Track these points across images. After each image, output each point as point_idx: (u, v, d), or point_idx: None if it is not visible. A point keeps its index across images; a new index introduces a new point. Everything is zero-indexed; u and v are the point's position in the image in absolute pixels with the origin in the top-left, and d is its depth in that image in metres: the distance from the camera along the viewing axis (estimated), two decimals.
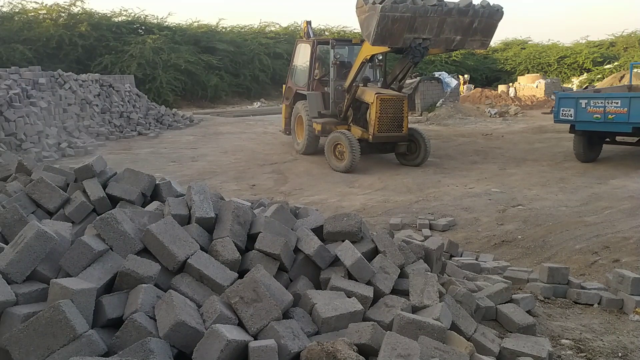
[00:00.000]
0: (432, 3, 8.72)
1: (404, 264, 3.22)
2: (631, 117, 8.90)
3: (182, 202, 3.21)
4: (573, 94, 10.18)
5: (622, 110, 8.95)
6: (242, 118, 20.18)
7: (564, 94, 10.34)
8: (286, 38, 28.26)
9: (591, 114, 9.32)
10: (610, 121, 9.13)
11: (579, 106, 9.47)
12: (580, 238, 6.08)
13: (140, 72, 21.53)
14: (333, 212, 7.14)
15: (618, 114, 9.02)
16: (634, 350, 3.24)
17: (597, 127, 9.47)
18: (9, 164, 4.19)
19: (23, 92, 12.00)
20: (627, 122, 8.97)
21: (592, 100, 9.32)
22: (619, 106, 8.99)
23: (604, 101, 9.17)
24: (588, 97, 9.44)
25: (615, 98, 9.11)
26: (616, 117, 9.04)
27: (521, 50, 34.03)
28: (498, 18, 9.56)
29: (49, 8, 22.47)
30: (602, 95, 9.41)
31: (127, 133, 14.47)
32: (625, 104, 8.93)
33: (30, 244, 2.45)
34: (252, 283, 2.47)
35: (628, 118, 8.92)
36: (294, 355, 2.28)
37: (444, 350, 2.37)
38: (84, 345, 2.10)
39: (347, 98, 10.33)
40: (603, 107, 9.15)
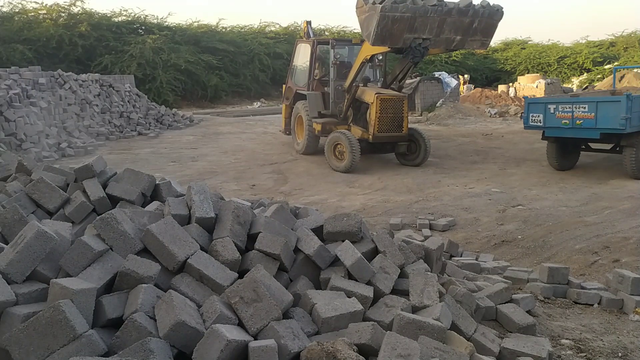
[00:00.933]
0: (432, 3, 8.72)
1: (404, 264, 3.22)
2: (598, 122, 8.49)
3: (182, 202, 3.21)
4: (542, 99, 9.76)
5: (590, 116, 8.54)
6: (242, 118, 20.19)
7: (532, 99, 9.88)
8: (286, 38, 28.26)
9: (560, 119, 8.92)
10: (579, 127, 8.71)
11: (548, 111, 9.07)
12: (580, 238, 6.08)
13: (140, 72, 21.53)
14: (333, 212, 7.14)
15: (586, 120, 8.60)
16: (634, 350, 3.24)
17: (566, 133, 9.05)
18: (9, 164, 4.20)
19: (23, 92, 12.00)
20: (595, 127, 8.55)
21: (560, 106, 8.93)
22: (586, 111, 8.57)
23: (572, 106, 8.78)
24: (556, 102, 9.05)
25: (582, 103, 8.70)
26: (584, 123, 8.63)
27: (521, 50, 34.02)
28: (498, 18, 9.56)
29: (49, 8, 22.48)
30: (569, 100, 9.07)
31: (127, 133, 14.47)
32: (593, 108, 8.51)
33: (30, 244, 2.45)
34: (252, 283, 2.47)
35: (595, 124, 8.52)
36: (294, 355, 2.28)
37: (444, 350, 2.37)
38: (84, 345, 2.10)
39: (347, 98, 10.33)
40: (571, 113, 8.75)
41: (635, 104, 8.28)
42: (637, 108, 8.33)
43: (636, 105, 8.30)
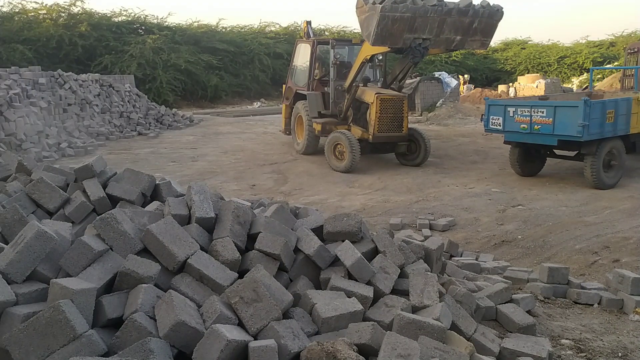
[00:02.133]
0: (432, 3, 8.72)
1: (404, 264, 3.22)
2: (556, 128, 7.90)
3: (182, 202, 3.21)
4: (501, 101, 9.05)
5: (548, 121, 7.95)
6: (242, 118, 20.19)
7: (493, 100, 9.21)
8: (286, 38, 28.24)
9: (518, 123, 8.37)
10: (537, 132, 8.14)
11: (507, 114, 8.53)
12: (580, 238, 6.08)
13: (140, 72, 21.53)
14: (333, 212, 7.14)
15: (544, 125, 8.02)
16: (634, 350, 3.24)
17: (524, 139, 8.53)
18: (9, 164, 4.19)
19: (23, 92, 12.00)
20: (552, 134, 7.97)
21: (519, 109, 8.37)
22: (544, 116, 8.00)
23: (530, 110, 8.22)
24: (515, 105, 8.50)
25: (540, 107, 8.13)
26: (542, 128, 8.05)
27: (521, 50, 34.02)
28: (498, 18, 9.56)
29: (49, 8, 22.47)
30: (528, 103, 8.50)
31: (127, 133, 14.47)
32: (551, 113, 7.92)
33: (30, 244, 2.45)
34: (252, 283, 2.47)
35: (553, 130, 7.92)
36: (294, 355, 2.28)
37: (444, 350, 2.37)
38: (84, 345, 2.10)
39: (347, 98, 10.33)
40: (529, 117, 8.20)
41: (595, 110, 7.66)
42: (597, 114, 7.72)
43: (596, 112, 7.69)
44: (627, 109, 8.20)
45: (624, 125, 8.21)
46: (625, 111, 8.17)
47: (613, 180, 8.32)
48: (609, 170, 8.29)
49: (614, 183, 8.33)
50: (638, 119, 8.43)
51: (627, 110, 8.20)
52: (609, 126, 7.94)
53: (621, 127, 8.16)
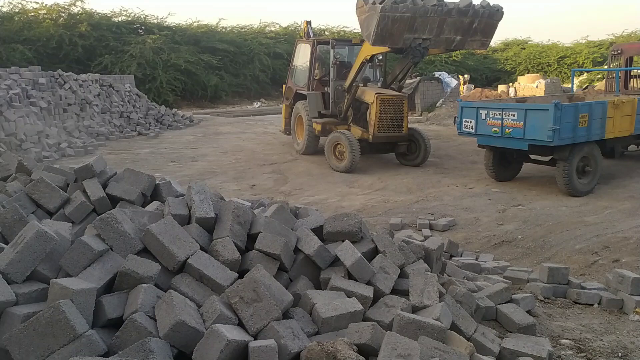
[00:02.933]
0: (432, 3, 8.71)
1: (404, 264, 3.22)
2: (527, 132, 7.57)
3: (182, 202, 3.21)
4: (474, 103, 8.71)
5: (519, 125, 7.62)
6: (242, 118, 20.19)
7: (465, 102, 8.88)
8: (286, 38, 28.25)
9: (490, 126, 8.05)
10: (508, 136, 7.81)
11: (480, 117, 8.21)
12: (580, 238, 6.08)
13: (140, 72, 21.53)
14: (333, 212, 7.14)
15: (515, 129, 7.69)
16: (634, 350, 3.24)
17: (496, 143, 8.24)
18: (9, 164, 4.19)
19: (23, 92, 12.01)
20: (523, 138, 7.62)
21: (491, 111, 8.06)
22: (515, 119, 7.67)
23: (502, 113, 7.89)
24: (487, 108, 8.19)
25: (512, 110, 7.80)
26: (513, 132, 7.73)
27: (521, 50, 34.02)
28: (498, 18, 9.55)
29: (49, 8, 22.47)
30: (499, 105, 8.19)
31: (127, 133, 14.47)
32: (521, 117, 7.59)
33: (30, 244, 2.45)
34: (252, 283, 2.47)
35: (524, 134, 7.60)
36: (294, 355, 2.28)
37: (444, 350, 2.37)
38: (84, 345, 2.10)
39: (347, 98, 10.33)
40: (501, 120, 7.88)
41: (566, 113, 7.30)
42: (569, 118, 7.35)
43: (567, 116, 7.32)
44: (602, 113, 7.76)
45: (599, 129, 7.78)
46: (601, 115, 7.74)
47: (587, 187, 7.90)
48: (583, 176, 7.90)
49: (589, 190, 7.92)
50: (615, 123, 7.98)
51: (603, 114, 7.76)
52: (582, 131, 7.54)
53: (596, 131, 7.74)
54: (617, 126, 8.04)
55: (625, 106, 8.09)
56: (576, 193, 7.78)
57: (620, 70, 10.56)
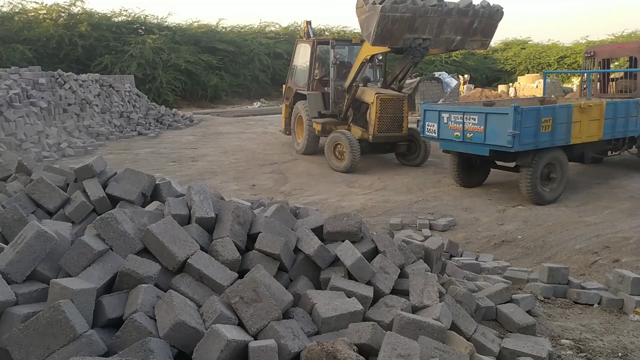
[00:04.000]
0: (432, 3, 8.72)
1: (404, 264, 3.22)
2: (487, 137, 7.17)
3: (182, 202, 3.21)
4: (436, 106, 8.33)
5: (479, 129, 7.23)
6: (242, 118, 20.19)
7: (428, 105, 8.48)
8: (286, 38, 28.26)
9: (452, 130, 7.68)
10: (469, 141, 7.44)
11: (442, 121, 7.85)
12: (580, 238, 6.08)
13: (140, 72, 21.54)
14: (333, 212, 7.14)
15: (476, 133, 7.29)
16: (634, 350, 3.24)
17: (457, 147, 7.89)
18: (9, 164, 4.19)
19: (23, 92, 12.01)
20: (484, 143, 7.23)
21: (452, 115, 7.67)
22: (476, 123, 7.27)
23: (463, 116, 7.50)
24: (449, 111, 7.78)
25: (472, 113, 7.39)
26: (474, 137, 7.33)
27: (521, 50, 34.04)
28: (498, 18, 9.55)
29: (49, 8, 22.48)
30: (461, 109, 7.74)
31: (127, 133, 14.47)
32: (482, 121, 7.19)
33: (30, 244, 2.45)
34: (252, 283, 2.47)
35: (484, 139, 7.20)
36: (294, 355, 2.28)
37: (444, 350, 2.37)
38: (84, 345, 2.10)
39: (347, 98, 10.33)
40: (462, 124, 7.51)
41: (527, 117, 6.90)
42: (530, 122, 6.95)
43: (528, 120, 6.92)
44: (568, 117, 7.31)
45: (564, 134, 7.34)
46: (566, 119, 7.30)
47: (552, 195, 7.53)
48: (548, 183, 7.54)
49: (554, 198, 7.55)
50: (581, 128, 7.54)
51: (568, 118, 7.31)
52: (546, 136, 7.13)
53: (560, 136, 7.30)
54: (585, 131, 7.60)
55: (592, 110, 7.64)
56: (540, 201, 7.40)
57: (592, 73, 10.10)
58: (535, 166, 7.25)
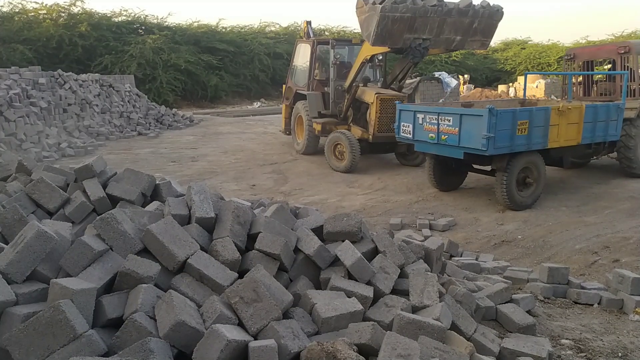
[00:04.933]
0: (432, 3, 8.71)
1: (404, 264, 3.22)
2: (462, 139, 6.92)
3: (182, 202, 3.21)
4: (411, 107, 8.01)
5: (454, 131, 6.98)
6: (242, 118, 20.19)
7: (403, 105, 8.18)
8: (286, 38, 28.24)
9: (427, 132, 7.42)
10: (444, 143, 7.18)
11: (417, 122, 7.59)
12: (580, 238, 6.08)
13: (140, 72, 21.53)
14: (333, 212, 7.15)
15: (450, 135, 7.04)
16: (634, 350, 3.24)
17: (432, 149, 7.62)
18: (9, 164, 4.19)
19: (23, 92, 12.00)
20: (458, 145, 6.98)
21: (428, 116, 7.40)
22: (450, 125, 7.02)
23: (437, 117, 7.24)
24: (424, 112, 7.51)
25: (447, 114, 7.13)
26: (449, 139, 7.08)
27: (521, 50, 34.03)
28: (498, 18, 9.55)
29: (49, 8, 22.46)
30: (435, 109, 7.49)
31: (127, 133, 14.47)
32: (457, 122, 6.93)
33: (30, 244, 2.45)
34: (252, 283, 2.47)
35: (459, 141, 6.96)
36: (294, 355, 2.28)
37: (444, 350, 2.37)
38: (84, 345, 2.10)
39: (347, 98, 10.33)
40: (437, 125, 7.24)
41: (502, 120, 6.64)
42: (506, 125, 6.70)
43: (504, 122, 6.67)
44: (545, 120, 7.07)
45: (541, 138, 7.11)
46: (543, 122, 7.06)
47: (528, 201, 7.30)
48: (525, 188, 7.32)
49: (530, 203, 7.33)
50: (560, 131, 7.29)
51: (545, 121, 7.07)
52: (522, 139, 6.89)
53: (537, 140, 7.07)
54: (563, 135, 7.36)
55: (571, 113, 7.37)
56: (516, 207, 7.19)
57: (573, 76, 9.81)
58: (511, 170, 7.05)
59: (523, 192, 7.33)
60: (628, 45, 8.81)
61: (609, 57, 9.58)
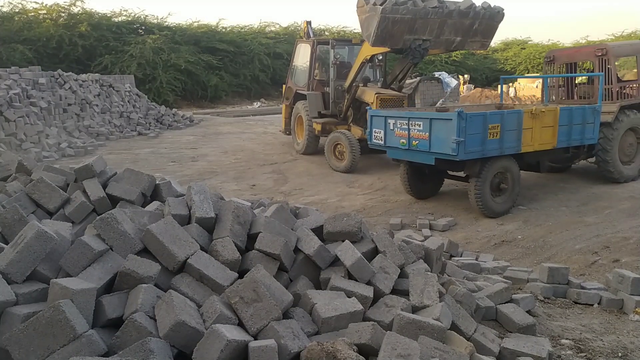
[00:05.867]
0: (433, 5, 8.67)
1: (404, 264, 3.22)
2: (432, 145, 6.70)
3: (182, 202, 3.21)
4: (382, 112, 7.73)
5: (424, 136, 6.76)
6: (242, 118, 20.20)
7: (374, 111, 7.95)
8: (286, 38, 28.25)
9: (398, 138, 7.20)
10: (415, 149, 6.96)
11: (388, 127, 7.35)
12: (580, 238, 6.08)
13: (140, 72, 21.54)
14: (333, 212, 7.14)
15: (421, 141, 6.81)
16: (634, 350, 3.24)
17: (403, 156, 7.42)
18: (9, 164, 4.19)
19: (23, 92, 12.00)
20: (429, 151, 6.76)
21: (399, 121, 7.18)
22: (421, 130, 6.80)
23: (408, 122, 7.01)
24: (395, 117, 7.29)
25: (417, 119, 6.91)
26: (420, 144, 6.85)
27: (521, 50, 34.05)
28: (499, 20, 9.52)
29: (49, 8, 22.47)
30: (406, 114, 7.25)
31: (127, 133, 14.47)
32: (427, 127, 6.72)
33: (30, 244, 2.45)
34: (252, 283, 2.47)
35: (430, 146, 6.73)
36: (294, 355, 2.28)
37: (444, 350, 2.37)
38: (84, 345, 2.10)
39: (347, 98, 10.33)
40: (407, 130, 7.02)
41: (472, 124, 6.44)
42: (476, 129, 6.49)
43: (474, 126, 6.46)
44: (518, 124, 6.87)
45: (514, 142, 6.91)
46: (515, 126, 6.86)
47: (503, 207, 7.11)
48: (499, 194, 7.12)
49: (505, 210, 7.13)
50: (534, 135, 7.10)
51: (518, 125, 6.88)
52: (494, 143, 6.69)
53: (510, 144, 6.87)
54: (537, 138, 7.16)
55: (545, 116, 7.17)
56: (490, 213, 7.00)
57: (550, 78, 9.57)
58: (484, 176, 6.85)
59: (498, 198, 7.12)
60: (605, 47, 8.58)
61: (587, 59, 9.34)
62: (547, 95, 9.47)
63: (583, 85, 9.34)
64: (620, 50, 9.07)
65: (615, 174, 8.44)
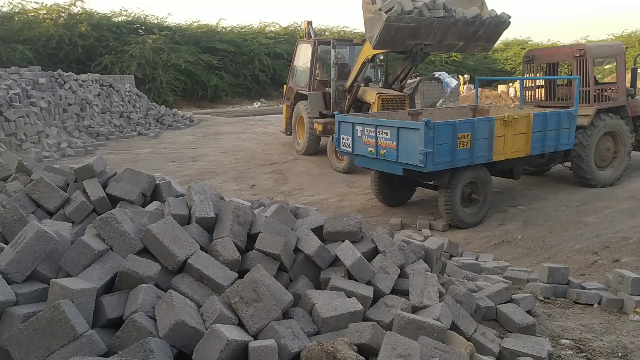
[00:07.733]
0: (439, 15, 8.51)
1: (404, 264, 3.22)
2: (400, 155, 6.37)
3: (182, 202, 3.21)
4: (350, 118, 7.33)
5: (392, 145, 6.43)
6: (242, 118, 20.20)
7: (343, 117, 7.44)
8: (286, 38, 28.26)
9: (366, 145, 6.85)
10: (383, 158, 6.63)
11: (356, 134, 6.98)
12: (580, 238, 6.09)
13: (140, 72, 21.54)
14: (333, 212, 7.14)
15: (389, 150, 6.48)
16: (634, 350, 3.24)
17: (371, 164, 7.10)
18: (9, 164, 4.19)
19: (23, 92, 12.01)
20: (397, 161, 6.44)
21: (366, 128, 6.82)
22: (388, 138, 6.45)
23: (375, 130, 6.66)
24: (362, 124, 6.91)
25: (385, 127, 6.54)
26: (388, 153, 6.52)
27: (521, 50, 34.00)
28: (504, 28, 9.32)
29: (49, 8, 22.48)
30: (374, 122, 6.84)
31: (127, 133, 14.48)
32: (394, 136, 6.37)
33: (30, 244, 2.45)
34: (252, 283, 2.47)
35: (397, 156, 6.41)
36: (294, 355, 2.28)
37: (444, 350, 2.37)
38: (84, 345, 2.10)
39: (349, 98, 10.32)
40: (375, 138, 6.67)
41: (441, 133, 6.12)
42: (445, 139, 6.18)
43: (443, 136, 6.14)
44: (489, 132, 6.59)
45: (485, 151, 6.62)
46: (487, 134, 6.57)
47: (475, 218, 6.84)
48: (470, 205, 6.87)
49: (477, 220, 6.86)
50: (506, 143, 6.82)
51: (489, 133, 6.59)
52: (464, 153, 6.38)
53: (481, 153, 6.58)
54: (510, 146, 6.88)
55: (518, 123, 6.89)
56: (460, 224, 6.72)
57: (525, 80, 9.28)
58: (454, 186, 6.56)
59: (468, 208, 6.86)
60: (583, 48, 8.32)
61: (566, 59, 9.10)
62: (522, 98, 9.17)
63: (562, 87, 9.09)
64: (599, 51, 8.82)
65: (591, 180, 8.21)
